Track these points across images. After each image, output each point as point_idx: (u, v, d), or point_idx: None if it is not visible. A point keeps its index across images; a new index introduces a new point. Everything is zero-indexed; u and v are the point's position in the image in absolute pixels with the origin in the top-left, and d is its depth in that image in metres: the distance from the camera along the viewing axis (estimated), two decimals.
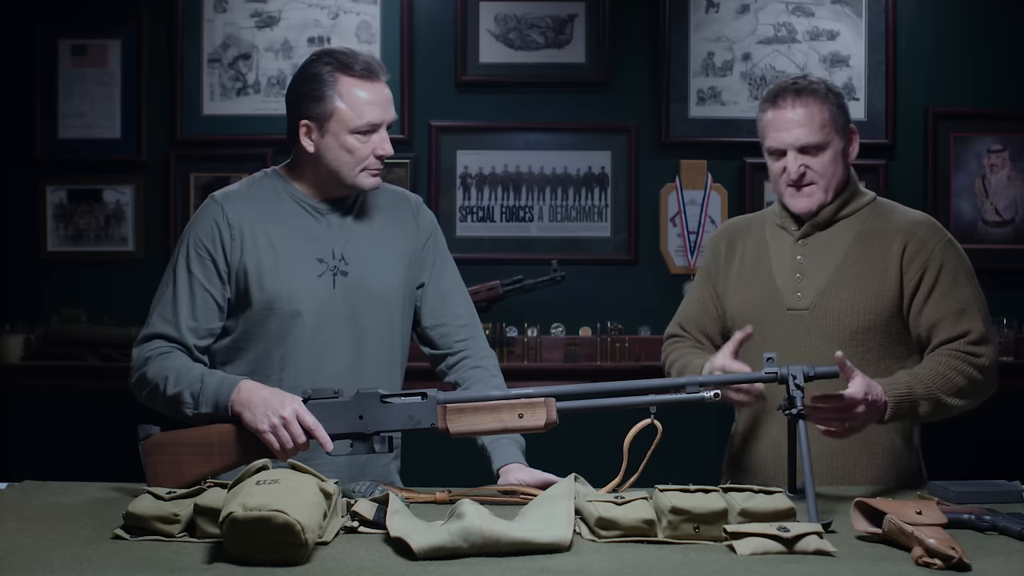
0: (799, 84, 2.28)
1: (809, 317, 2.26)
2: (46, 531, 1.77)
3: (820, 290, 2.26)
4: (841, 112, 2.28)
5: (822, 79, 2.33)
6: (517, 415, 1.94)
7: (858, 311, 2.24)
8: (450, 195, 4.29)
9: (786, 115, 2.26)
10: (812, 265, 2.29)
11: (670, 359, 2.45)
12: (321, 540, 1.66)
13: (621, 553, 1.65)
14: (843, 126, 2.28)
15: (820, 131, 2.25)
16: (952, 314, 2.21)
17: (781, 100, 2.28)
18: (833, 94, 2.29)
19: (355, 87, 2.15)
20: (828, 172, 2.27)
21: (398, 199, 2.35)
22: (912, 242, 2.24)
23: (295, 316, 2.17)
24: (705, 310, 2.45)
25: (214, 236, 2.18)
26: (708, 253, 2.48)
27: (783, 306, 2.29)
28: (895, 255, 2.24)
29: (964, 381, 2.16)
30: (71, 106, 4.29)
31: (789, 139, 2.26)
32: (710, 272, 2.45)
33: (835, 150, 2.27)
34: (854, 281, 2.25)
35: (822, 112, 2.25)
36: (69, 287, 4.28)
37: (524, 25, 4.30)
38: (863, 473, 2.25)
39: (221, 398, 2.04)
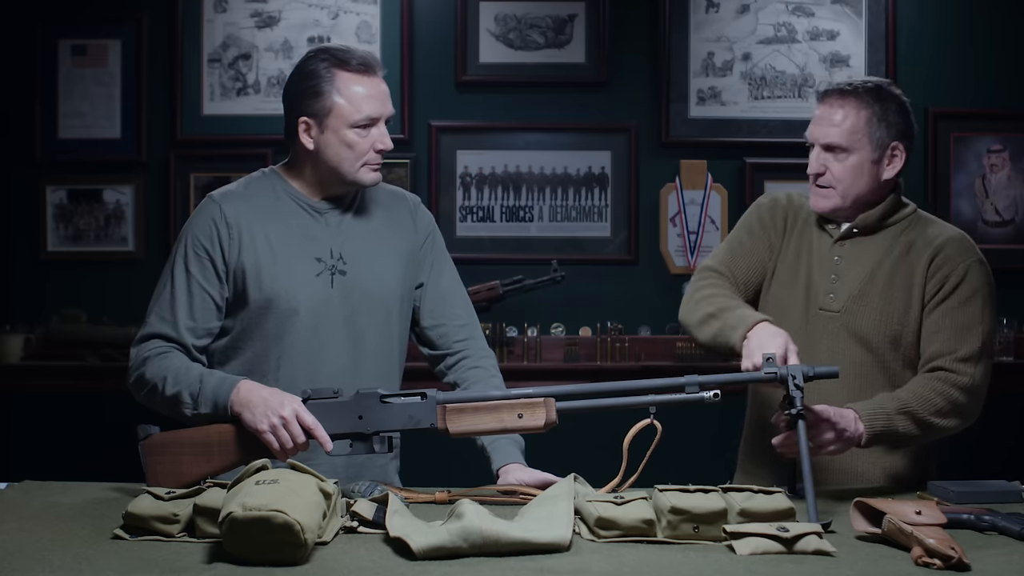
0: (849, 86, 2.25)
1: (839, 320, 2.25)
2: (46, 531, 1.77)
3: (852, 295, 2.25)
4: (885, 125, 2.22)
5: (883, 87, 2.26)
6: (517, 415, 1.94)
7: (886, 320, 2.22)
8: (450, 195, 4.29)
9: (824, 111, 2.25)
10: (847, 269, 2.27)
11: (706, 291, 2.29)
12: (321, 540, 1.66)
13: (621, 553, 1.65)
14: (881, 139, 2.22)
15: (848, 135, 2.22)
16: (953, 328, 2.18)
17: (827, 97, 2.26)
18: (882, 105, 2.22)
19: (353, 82, 2.15)
20: (847, 179, 2.23)
21: (396, 199, 2.35)
22: (939, 256, 2.22)
23: (293, 315, 2.17)
24: (751, 265, 2.35)
25: (212, 235, 2.18)
26: (766, 213, 2.38)
27: (815, 304, 2.28)
28: (922, 268, 2.22)
29: (943, 402, 2.13)
30: (71, 106, 4.29)
31: (817, 134, 2.26)
32: (768, 233, 2.36)
33: (861, 159, 2.22)
34: (885, 291, 2.23)
35: (858, 118, 2.22)
36: (69, 287, 4.28)
37: (524, 25, 4.30)
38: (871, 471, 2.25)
39: (220, 398, 2.04)
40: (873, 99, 2.23)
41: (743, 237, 2.38)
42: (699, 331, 2.24)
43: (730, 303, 2.22)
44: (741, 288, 2.34)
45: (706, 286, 2.31)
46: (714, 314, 2.20)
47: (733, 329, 2.13)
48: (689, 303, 2.31)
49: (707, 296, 2.27)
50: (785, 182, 4.21)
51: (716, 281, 2.32)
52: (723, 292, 2.28)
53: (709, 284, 2.31)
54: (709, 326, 2.20)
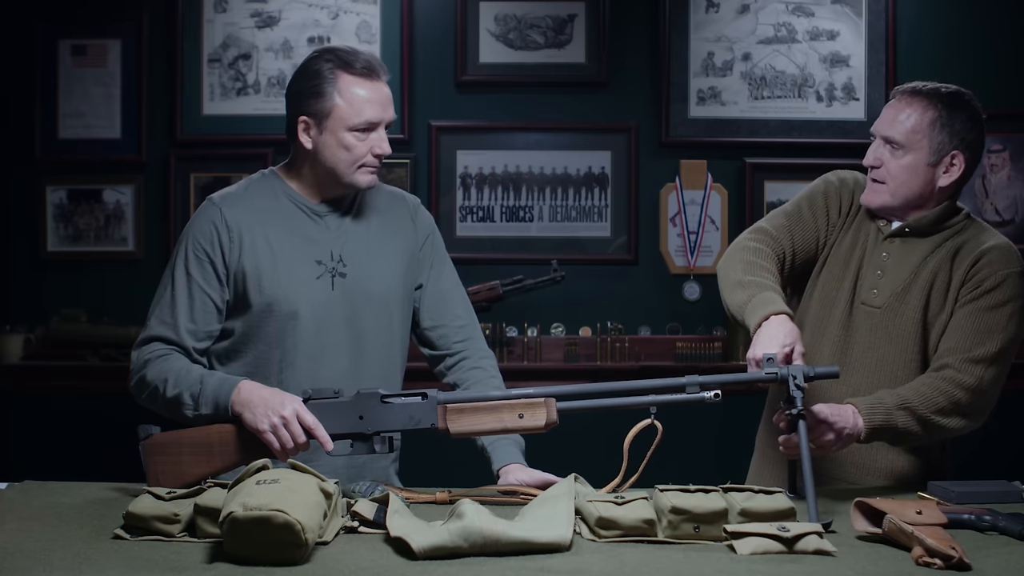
0: (922, 88, 2.23)
1: (879, 316, 2.24)
2: (46, 531, 1.77)
3: (895, 292, 2.24)
4: (947, 132, 2.18)
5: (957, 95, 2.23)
6: (517, 415, 1.94)
7: (923, 322, 2.21)
8: (450, 195, 4.29)
9: (893, 107, 2.24)
10: (894, 266, 2.25)
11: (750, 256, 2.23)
12: (321, 540, 1.66)
13: (621, 553, 1.65)
14: (940, 145, 2.19)
15: (908, 132, 2.19)
16: (973, 329, 2.17)
17: (900, 95, 2.24)
18: (950, 112, 2.19)
19: (355, 85, 2.15)
20: (899, 177, 2.21)
21: (396, 200, 2.35)
22: (981, 261, 2.20)
23: (294, 318, 2.17)
24: (806, 239, 2.30)
25: (212, 238, 2.18)
26: (833, 191, 2.33)
27: (859, 298, 2.26)
28: (963, 272, 2.20)
29: (945, 401, 2.12)
30: (71, 106, 4.29)
31: (880, 126, 2.24)
32: (831, 211, 2.32)
33: (916, 160, 2.19)
34: (924, 292, 2.22)
35: (921, 119, 2.19)
36: (69, 287, 4.28)
37: (524, 25, 4.30)
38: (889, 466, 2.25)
39: (221, 399, 2.04)
40: (943, 104, 2.20)
41: (804, 208, 2.33)
42: (727, 293, 2.21)
43: (765, 280, 2.18)
44: (788, 258, 2.29)
45: (753, 249, 2.26)
46: (746, 284, 2.17)
47: (753, 311, 2.11)
48: (731, 259, 2.26)
49: (749, 262, 2.22)
50: (785, 182, 4.22)
51: (763, 247, 2.27)
52: (766, 263, 2.23)
53: (756, 249, 2.26)
54: (737, 294, 2.17)
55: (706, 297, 4.27)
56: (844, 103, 4.30)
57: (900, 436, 2.12)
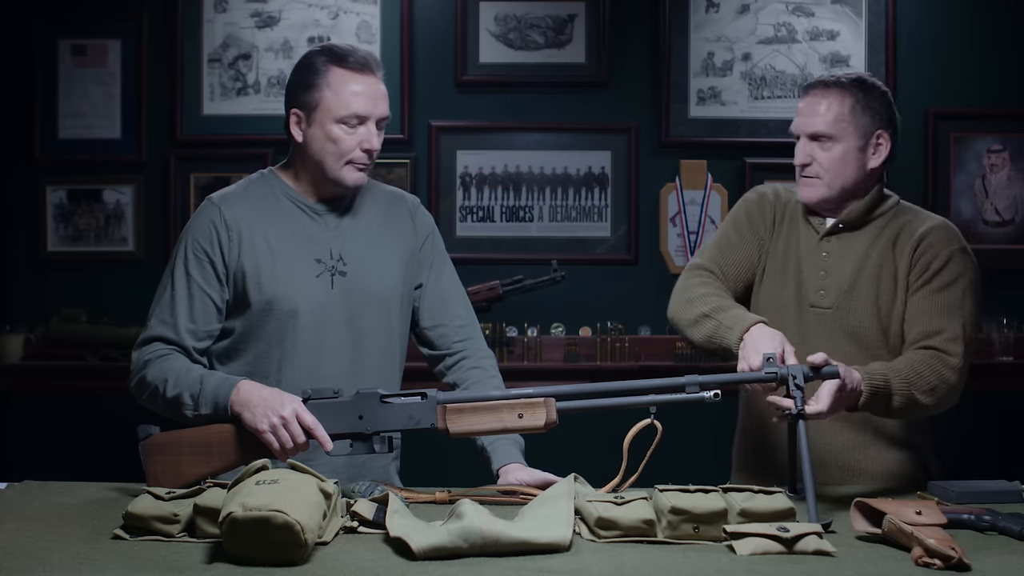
0: (832, 79, 2.25)
1: (831, 316, 2.25)
2: (46, 531, 1.77)
3: (842, 291, 2.25)
4: (868, 113, 2.23)
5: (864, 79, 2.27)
6: (517, 415, 1.94)
7: (877, 314, 2.23)
8: (450, 195, 4.29)
9: (808, 103, 2.26)
10: (836, 264, 2.27)
11: (698, 290, 2.27)
12: (321, 540, 1.66)
13: (621, 553, 1.65)
14: (866, 127, 2.23)
15: (832, 124, 2.22)
16: (933, 311, 2.18)
17: (812, 89, 2.27)
18: (866, 94, 2.24)
19: (346, 78, 2.15)
20: (834, 168, 2.24)
21: (395, 200, 2.35)
22: (923, 243, 2.22)
23: (293, 317, 2.17)
24: (740, 262, 2.34)
25: (212, 238, 2.18)
26: (754, 209, 2.37)
27: (806, 302, 2.27)
28: (907, 257, 2.23)
29: (935, 379, 2.12)
30: (71, 106, 4.29)
31: (802, 125, 2.26)
32: (757, 228, 2.35)
33: (846, 147, 2.23)
34: (873, 284, 2.23)
35: (841, 106, 2.22)
36: (69, 287, 4.28)
37: (524, 25, 4.30)
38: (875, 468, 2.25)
39: (220, 399, 2.04)
40: (856, 88, 2.24)
41: (731, 234, 2.37)
42: (693, 330, 2.23)
43: (723, 303, 2.22)
44: (731, 285, 2.33)
45: (697, 284, 2.30)
46: (708, 314, 2.20)
47: (729, 330, 2.13)
48: (680, 301, 2.29)
49: (700, 295, 2.26)
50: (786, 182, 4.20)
51: (707, 279, 2.31)
52: (715, 291, 2.27)
53: (700, 283, 2.30)
54: (703, 326, 2.20)
55: None
56: None
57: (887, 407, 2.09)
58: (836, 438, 2.24)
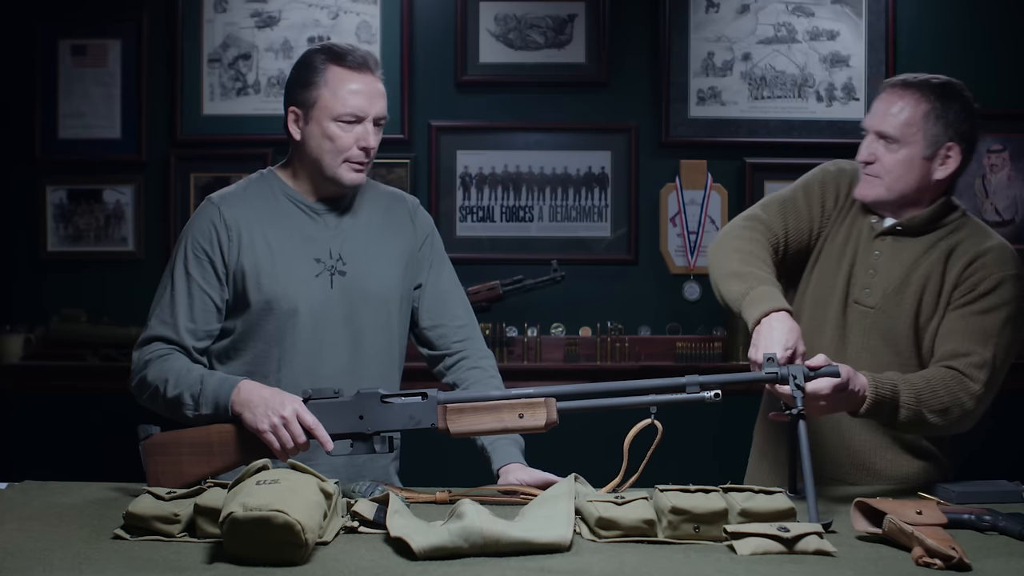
0: (912, 79, 2.21)
1: (872, 316, 2.21)
2: (46, 531, 1.77)
3: (887, 293, 2.20)
4: (942, 124, 2.15)
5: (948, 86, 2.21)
6: (517, 415, 1.94)
7: (915, 324, 2.18)
8: (450, 195, 4.29)
9: (884, 101, 2.21)
10: (886, 265, 2.22)
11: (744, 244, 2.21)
12: (321, 540, 1.66)
13: (621, 553, 1.65)
14: (935, 137, 2.16)
15: (901, 126, 2.16)
16: (968, 332, 2.12)
17: (890, 87, 2.22)
18: (943, 103, 2.17)
19: (343, 76, 2.16)
20: (895, 171, 2.17)
21: (395, 200, 2.35)
22: (976, 263, 2.16)
23: (293, 316, 2.17)
24: (799, 228, 2.27)
25: (211, 238, 2.18)
26: (831, 181, 2.30)
27: (851, 297, 2.24)
28: (956, 273, 2.17)
29: (949, 400, 2.07)
30: (71, 106, 4.29)
31: (872, 121, 2.21)
32: (826, 200, 2.29)
33: (912, 154, 2.16)
34: (917, 293, 2.18)
35: (914, 112, 2.16)
36: (69, 287, 4.28)
37: (524, 25, 4.30)
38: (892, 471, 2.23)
39: (221, 398, 2.04)
40: (936, 95, 2.18)
41: (799, 195, 2.30)
42: (721, 282, 2.19)
43: (762, 272, 2.15)
44: (781, 246, 2.26)
45: (747, 237, 2.23)
46: (742, 275, 2.14)
47: (753, 306, 2.08)
48: (724, 246, 2.24)
49: (744, 251, 2.20)
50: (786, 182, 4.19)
51: (756, 236, 2.24)
52: (760, 252, 2.20)
53: (749, 237, 2.23)
54: (732, 285, 2.15)
55: (706, 297, 4.27)
56: (844, 103, 4.30)
57: (892, 420, 2.06)
58: (855, 438, 2.22)
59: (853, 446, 2.24)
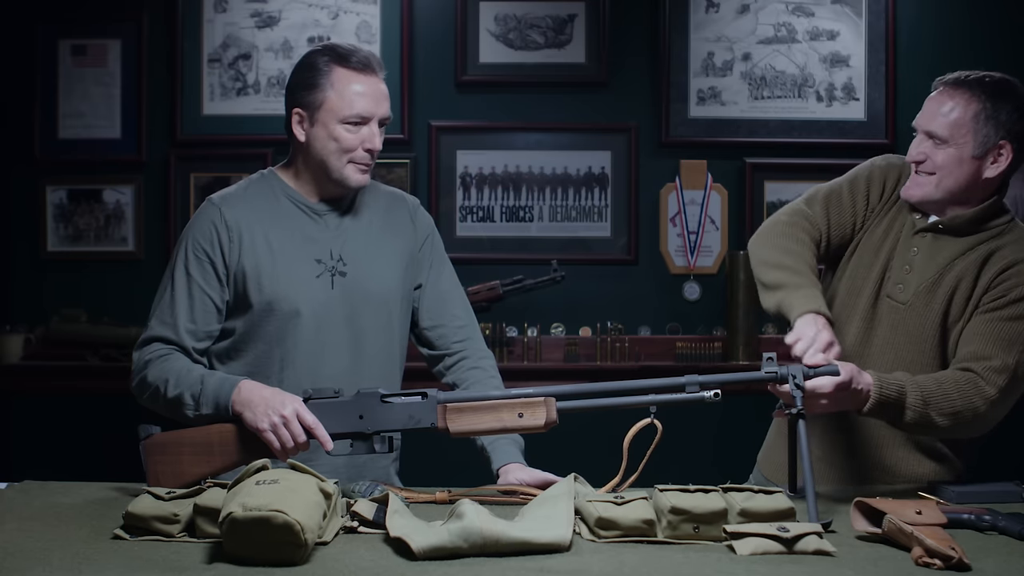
0: (964, 79, 2.19)
1: (902, 312, 2.19)
2: (46, 531, 1.76)
3: (919, 291, 2.18)
4: (992, 124, 2.12)
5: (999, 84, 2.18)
6: (517, 414, 1.94)
7: (943, 323, 2.16)
8: (450, 195, 4.29)
9: (935, 100, 2.18)
10: (922, 263, 2.20)
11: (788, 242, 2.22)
12: (321, 540, 1.66)
13: (621, 553, 1.65)
14: (986, 137, 2.12)
15: (950, 126, 2.13)
16: (993, 337, 2.10)
17: (942, 86, 2.20)
18: (994, 103, 2.14)
19: (349, 78, 2.15)
20: (944, 170, 2.14)
21: (395, 200, 2.35)
22: (1010, 270, 2.13)
23: (294, 317, 2.17)
24: (842, 223, 2.27)
25: (212, 239, 2.18)
26: (879, 176, 2.28)
27: (884, 290, 2.22)
28: (989, 278, 2.14)
29: (962, 404, 2.05)
30: (71, 106, 4.29)
31: (921, 121, 2.18)
32: (872, 195, 2.27)
33: (962, 153, 2.13)
34: (948, 293, 2.16)
35: (964, 112, 2.13)
36: (69, 287, 4.28)
37: (524, 25, 4.30)
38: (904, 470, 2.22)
39: (221, 398, 2.04)
40: (987, 94, 2.16)
41: (844, 189, 2.29)
42: (762, 270, 2.20)
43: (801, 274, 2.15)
44: (823, 241, 2.26)
45: (790, 235, 2.23)
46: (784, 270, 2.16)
47: (791, 309, 2.09)
48: (769, 236, 2.25)
49: (787, 248, 2.21)
50: (786, 182, 4.22)
51: (799, 233, 2.24)
52: (801, 249, 2.20)
53: (791, 235, 2.23)
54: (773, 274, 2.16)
55: (706, 297, 4.27)
56: (844, 103, 4.30)
57: (898, 421, 2.05)
58: (871, 435, 2.21)
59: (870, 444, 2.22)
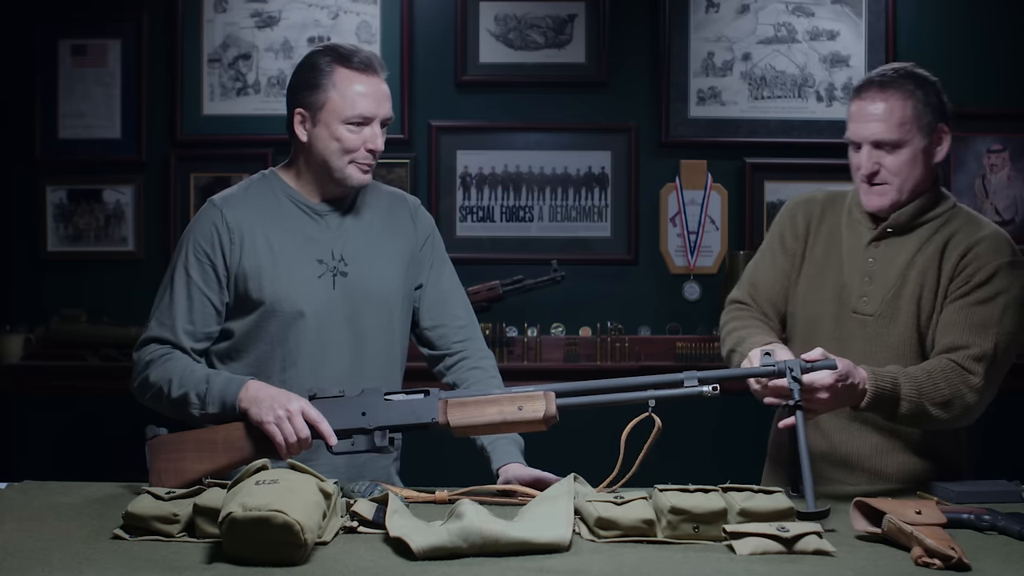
0: (885, 77, 2.17)
1: (873, 324, 2.20)
2: (46, 531, 1.77)
3: (886, 298, 2.19)
4: (929, 110, 2.15)
5: (915, 72, 2.19)
6: (516, 407, 1.94)
7: (918, 324, 2.17)
8: (450, 195, 4.29)
9: (866, 108, 2.16)
10: (881, 270, 2.21)
11: (729, 326, 2.30)
12: (320, 540, 1.66)
13: (620, 553, 1.65)
14: (928, 124, 2.16)
15: (898, 128, 2.14)
16: (967, 324, 2.12)
17: (864, 92, 2.18)
18: (923, 90, 2.16)
19: (351, 79, 2.15)
20: (903, 172, 2.16)
21: (396, 200, 2.35)
22: (970, 254, 2.15)
23: (296, 318, 2.17)
24: (779, 281, 2.32)
25: (213, 240, 2.18)
26: (786, 220, 2.34)
27: (848, 307, 2.22)
28: (952, 265, 2.16)
29: (950, 393, 2.07)
30: (71, 106, 4.29)
31: (865, 133, 2.16)
32: (787, 242, 2.32)
33: (914, 150, 2.15)
34: (916, 292, 2.18)
35: (903, 109, 2.14)
36: (69, 287, 4.28)
37: (524, 25, 4.30)
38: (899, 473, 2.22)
39: (228, 397, 2.04)
40: (914, 84, 2.17)
41: (767, 261, 2.35)
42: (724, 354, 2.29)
43: (743, 333, 2.23)
44: (771, 312, 2.32)
45: (728, 320, 2.33)
46: (734, 349, 2.23)
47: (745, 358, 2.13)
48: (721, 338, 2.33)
49: (728, 332, 2.29)
50: (786, 182, 4.22)
51: (738, 314, 2.33)
52: (742, 323, 2.28)
53: (731, 318, 2.33)
54: (733, 362, 2.22)
55: (706, 297, 4.27)
56: (844, 103, 4.29)
57: (893, 412, 2.06)
58: (865, 442, 2.22)
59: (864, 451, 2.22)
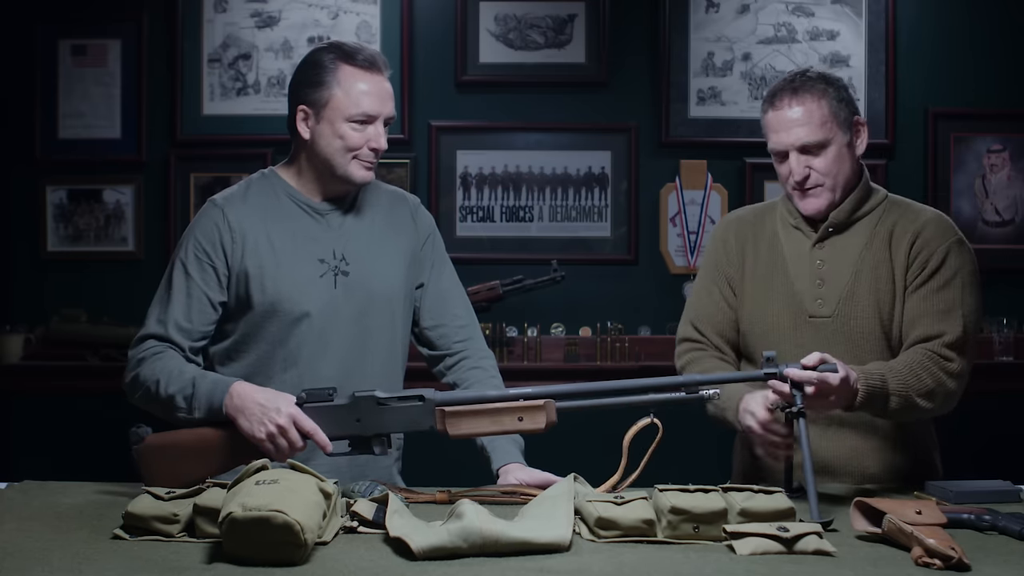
0: (795, 83, 2.20)
1: (832, 325, 2.20)
2: (46, 531, 1.76)
3: (842, 297, 2.20)
4: (843, 105, 2.18)
5: (820, 72, 2.23)
6: (516, 419, 1.93)
7: (879, 317, 2.18)
8: (450, 195, 4.29)
9: (784, 115, 2.18)
10: (832, 270, 2.22)
11: (689, 369, 2.31)
12: (320, 540, 1.66)
13: (621, 553, 1.65)
14: (846, 119, 2.19)
15: (820, 128, 2.16)
16: (934, 312, 2.14)
17: (778, 100, 2.19)
18: (833, 87, 2.19)
19: (355, 77, 2.15)
20: (833, 170, 2.19)
21: (396, 199, 2.35)
22: (919, 240, 2.18)
23: (297, 317, 2.17)
24: (720, 309, 2.32)
25: (214, 240, 2.17)
26: (718, 245, 2.36)
27: (804, 313, 2.22)
28: (903, 254, 2.19)
29: (933, 383, 2.09)
30: (71, 106, 4.29)
31: (789, 140, 2.18)
32: (721, 267, 2.33)
33: (839, 146, 2.18)
34: (872, 286, 2.19)
35: (820, 108, 2.17)
36: (69, 287, 4.28)
37: (524, 25, 4.30)
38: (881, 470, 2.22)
39: (215, 402, 2.03)
40: (824, 83, 2.20)
41: (703, 294, 2.35)
42: None
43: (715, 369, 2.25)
44: (720, 342, 2.33)
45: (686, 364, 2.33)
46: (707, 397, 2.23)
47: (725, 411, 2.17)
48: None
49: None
50: None
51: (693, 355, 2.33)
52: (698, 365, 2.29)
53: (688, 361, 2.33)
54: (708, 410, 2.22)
55: None
56: None
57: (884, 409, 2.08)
58: (842, 444, 2.21)
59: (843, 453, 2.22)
